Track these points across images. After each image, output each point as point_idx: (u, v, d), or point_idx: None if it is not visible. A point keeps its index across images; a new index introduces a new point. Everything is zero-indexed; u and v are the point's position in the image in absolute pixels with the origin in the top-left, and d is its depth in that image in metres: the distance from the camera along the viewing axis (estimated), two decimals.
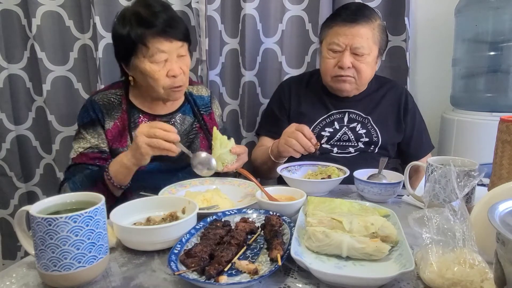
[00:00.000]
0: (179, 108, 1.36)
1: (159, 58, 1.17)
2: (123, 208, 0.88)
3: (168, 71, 1.18)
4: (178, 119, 1.35)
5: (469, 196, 0.94)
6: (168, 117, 1.33)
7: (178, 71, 1.20)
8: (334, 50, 1.36)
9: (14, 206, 2.09)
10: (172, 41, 1.17)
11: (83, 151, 1.21)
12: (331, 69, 1.38)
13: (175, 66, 1.19)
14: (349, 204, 0.93)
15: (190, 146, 1.34)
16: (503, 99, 1.60)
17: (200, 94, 1.45)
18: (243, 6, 1.81)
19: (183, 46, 1.22)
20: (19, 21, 1.91)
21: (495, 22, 1.60)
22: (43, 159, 2.08)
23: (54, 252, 0.63)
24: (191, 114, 1.39)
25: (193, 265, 0.69)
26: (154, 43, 1.15)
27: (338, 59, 1.36)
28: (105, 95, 1.28)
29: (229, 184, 1.20)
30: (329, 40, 1.37)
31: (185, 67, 1.24)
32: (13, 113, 2.01)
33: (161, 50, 1.16)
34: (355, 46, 1.33)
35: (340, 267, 0.72)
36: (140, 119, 1.28)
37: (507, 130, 0.85)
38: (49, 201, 0.71)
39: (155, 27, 1.15)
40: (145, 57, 1.17)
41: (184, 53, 1.23)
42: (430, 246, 0.69)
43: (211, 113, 1.45)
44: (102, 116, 1.24)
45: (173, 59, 1.19)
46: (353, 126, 1.45)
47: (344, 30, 1.33)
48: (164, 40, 1.16)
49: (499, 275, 0.51)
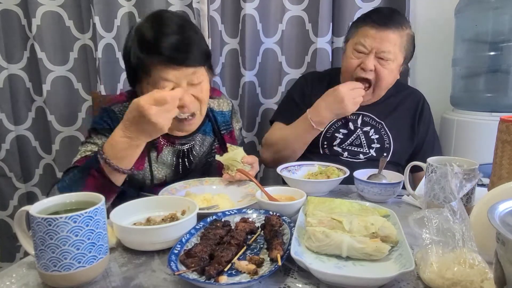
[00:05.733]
0: (199, 128, 1.24)
1: (164, 87, 1.01)
2: (123, 208, 0.88)
3: None
4: (197, 140, 1.25)
5: (469, 196, 0.94)
6: (187, 138, 1.22)
7: (189, 100, 1.05)
8: (359, 51, 1.35)
9: (13, 207, 2.09)
10: (179, 69, 1.01)
11: (88, 154, 1.07)
12: (352, 69, 1.37)
13: (185, 96, 1.03)
14: (349, 204, 0.93)
15: (208, 169, 1.28)
16: (503, 99, 1.60)
17: (221, 109, 1.33)
18: (243, 6, 1.81)
19: (197, 72, 1.05)
20: (19, 21, 1.92)
21: (495, 22, 1.60)
22: (43, 160, 2.08)
23: (54, 252, 0.63)
24: (211, 134, 1.28)
25: (193, 265, 0.69)
26: (156, 71, 1.01)
27: (362, 61, 1.34)
28: (125, 107, 1.10)
29: (229, 184, 1.20)
30: (355, 40, 1.36)
31: (201, 94, 1.08)
32: (13, 113, 2.01)
33: (164, 79, 1.01)
34: (381, 50, 1.32)
35: (340, 267, 0.72)
36: (159, 141, 1.17)
37: (507, 130, 0.85)
38: (49, 201, 0.71)
39: (158, 54, 0.99)
40: (149, 84, 1.04)
41: (198, 80, 1.06)
42: (430, 246, 0.69)
43: (231, 131, 1.35)
44: None
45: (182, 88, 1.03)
46: (367, 130, 1.43)
47: (373, 33, 1.32)
48: (168, 68, 1.00)
49: (499, 275, 0.51)
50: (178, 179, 1.20)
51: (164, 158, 1.20)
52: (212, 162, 1.29)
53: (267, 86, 1.94)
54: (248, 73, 1.89)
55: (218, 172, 1.27)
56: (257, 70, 1.92)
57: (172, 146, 1.21)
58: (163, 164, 1.20)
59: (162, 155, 1.19)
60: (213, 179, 1.21)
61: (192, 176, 1.23)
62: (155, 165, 1.18)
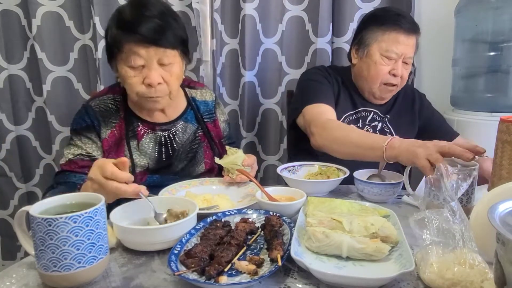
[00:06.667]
0: (181, 115, 1.28)
1: (134, 62, 1.05)
2: (123, 208, 0.88)
3: (144, 78, 1.07)
4: (179, 127, 1.27)
5: (469, 196, 0.94)
6: (169, 125, 1.25)
7: (156, 80, 1.07)
8: (389, 58, 1.37)
9: (14, 206, 2.10)
10: (150, 47, 1.05)
11: (72, 158, 1.12)
12: (383, 75, 1.38)
13: (154, 74, 1.07)
14: (349, 205, 0.93)
15: (193, 157, 1.28)
16: (503, 99, 1.60)
17: (204, 99, 1.36)
18: (243, 7, 1.81)
19: (167, 52, 1.08)
20: (19, 21, 1.92)
21: (495, 22, 1.60)
22: (43, 160, 2.08)
23: (54, 253, 0.63)
24: (194, 121, 1.30)
25: (193, 265, 0.69)
26: (128, 46, 1.05)
27: (392, 67, 1.37)
28: (102, 100, 1.19)
29: (229, 184, 1.20)
30: (385, 47, 1.36)
31: (170, 77, 1.11)
32: (13, 113, 2.01)
33: (136, 53, 1.05)
34: (408, 56, 1.37)
35: (340, 268, 0.72)
36: (139, 128, 1.20)
37: (507, 130, 0.85)
38: (49, 201, 0.71)
39: (134, 34, 1.03)
40: (122, 60, 1.08)
41: (169, 61, 1.09)
42: (430, 247, 0.69)
43: (215, 120, 1.37)
44: (98, 124, 1.15)
45: (152, 66, 1.07)
46: (374, 124, 1.48)
47: (404, 39, 1.35)
48: (140, 46, 1.04)
49: (499, 275, 0.51)
50: (162, 167, 1.21)
51: (146, 145, 1.20)
52: (197, 150, 1.29)
53: (267, 86, 1.94)
54: (248, 73, 1.89)
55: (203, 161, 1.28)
56: (257, 70, 1.92)
57: (153, 133, 1.22)
58: (145, 152, 1.20)
59: (143, 143, 1.20)
60: (213, 179, 1.21)
61: (176, 164, 1.24)
62: (136, 153, 1.19)
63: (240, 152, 1.16)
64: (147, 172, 1.21)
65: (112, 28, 1.07)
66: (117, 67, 1.11)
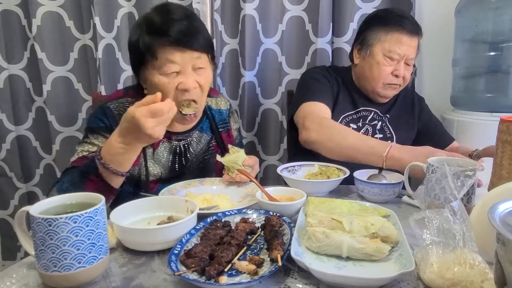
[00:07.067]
0: (197, 125, 1.26)
1: (169, 70, 1.04)
2: (123, 208, 0.88)
3: (179, 84, 1.06)
4: (194, 137, 1.25)
5: (470, 196, 0.94)
6: (185, 134, 1.23)
7: (192, 85, 1.06)
8: (392, 58, 1.38)
9: (14, 206, 2.10)
10: (185, 51, 1.04)
11: (85, 155, 1.08)
12: (385, 75, 1.40)
13: (189, 79, 1.06)
14: (349, 205, 0.93)
15: (204, 167, 1.27)
16: (503, 99, 1.61)
17: (219, 107, 1.34)
18: (243, 7, 1.82)
19: (201, 57, 1.08)
20: (19, 21, 1.92)
21: (495, 22, 1.60)
22: (43, 160, 2.08)
23: (54, 253, 0.63)
24: (209, 131, 1.29)
25: (193, 265, 0.69)
26: (163, 53, 1.03)
27: (394, 68, 1.39)
28: (122, 103, 1.15)
29: (229, 184, 1.20)
30: (388, 47, 1.37)
31: (203, 81, 1.09)
32: (13, 113, 2.01)
33: (171, 61, 1.04)
34: (410, 57, 1.39)
35: (340, 268, 0.72)
36: None
37: (507, 130, 0.85)
38: (49, 201, 0.71)
39: (166, 36, 1.02)
40: (155, 69, 1.06)
41: (203, 65, 1.09)
42: (430, 247, 0.69)
43: (229, 129, 1.36)
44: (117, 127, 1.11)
45: (186, 72, 1.06)
46: (374, 123, 1.50)
47: (407, 41, 1.36)
48: (175, 50, 1.03)
49: (499, 276, 0.51)
50: (173, 177, 1.20)
51: (160, 154, 1.19)
52: (208, 160, 1.28)
53: (267, 86, 1.94)
54: (248, 73, 1.89)
55: (214, 172, 1.27)
56: (257, 70, 1.92)
57: (168, 142, 1.21)
58: (159, 161, 1.19)
59: (158, 152, 1.19)
60: (213, 179, 1.21)
61: (188, 175, 1.23)
62: (151, 161, 1.18)
63: (242, 152, 1.16)
64: (159, 182, 1.19)
65: (143, 35, 1.05)
66: (147, 75, 1.08)
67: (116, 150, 0.92)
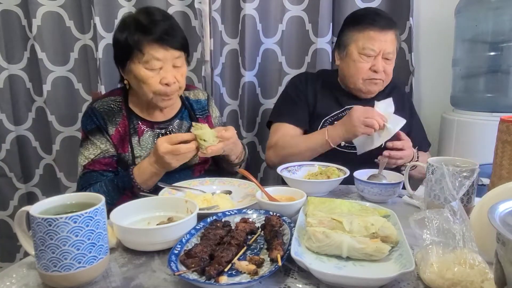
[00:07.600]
0: (176, 114, 1.38)
1: (154, 66, 1.18)
2: (123, 208, 0.88)
3: (162, 78, 1.19)
4: (175, 125, 1.36)
5: (470, 196, 0.94)
6: (166, 123, 1.34)
7: (172, 80, 1.21)
8: (368, 55, 1.42)
9: (13, 207, 2.09)
10: (168, 50, 1.18)
11: (95, 158, 1.22)
12: (364, 72, 1.44)
13: (169, 75, 1.20)
14: (349, 205, 0.93)
15: None
16: (503, 99, 1.60)
17: (197, 98, 1.46)
18: (243, 7, 1.81)
19: (180, 57, 1.23)
20: (19, 21, 1.92)
21: (495, 22, 1.60)
22: (43, 160, 2.08)
23: (54, 253, 0.63)
24: (188, 119, 1.40)
25: (193, 265, 0.69)
26: (149, 50, 1.17)
27: (372, 63, 1.43)
28: (105, 102, 1.29)
29: (229, 184, 1.20)
30: (361, 45, 1.42)
31: (180, 77, 1.24)
32: (13, 113, 2.01)
33: (156, 58, 1.17)
34: (387, 52, 1.42)
35: (340, 268, 0.72)
36: (139, 126, 1.30)
37: (507, 130, 0.85)
38: (49, 201, 0.71)
39: (153, 34, 1.16)
40: (140, 63, 1.18)
41: (180, 64, 1.24)
42: (430, 247, 0.69)
43: (208, 116, 1.45)
44: (105, 123, 1.25)
45: (167, 68, 1.20)
46: None
47: (379, 36, 1.40)
48: (160, 48, 1.17)
49: (499, 276, 0.51)
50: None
51: (146, 141, 1.29)
52: None
53: (267, 86, 1.94)
54: (248, 73, 1.89)
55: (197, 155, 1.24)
56: (257, 70, 1.92)
57: (151, 130, 1.31)
58: (145, 147, 1.28)
59: (143, 139, 1.29)
60: (213, 179, 1.21)
61: None
62: (138, 148, 1.27)
63: (206, 128, 1.12)
64: None
65: (132, 32, 1.18)
66: (132, 69, 1.20)
67: (147, 173, 1.15)
